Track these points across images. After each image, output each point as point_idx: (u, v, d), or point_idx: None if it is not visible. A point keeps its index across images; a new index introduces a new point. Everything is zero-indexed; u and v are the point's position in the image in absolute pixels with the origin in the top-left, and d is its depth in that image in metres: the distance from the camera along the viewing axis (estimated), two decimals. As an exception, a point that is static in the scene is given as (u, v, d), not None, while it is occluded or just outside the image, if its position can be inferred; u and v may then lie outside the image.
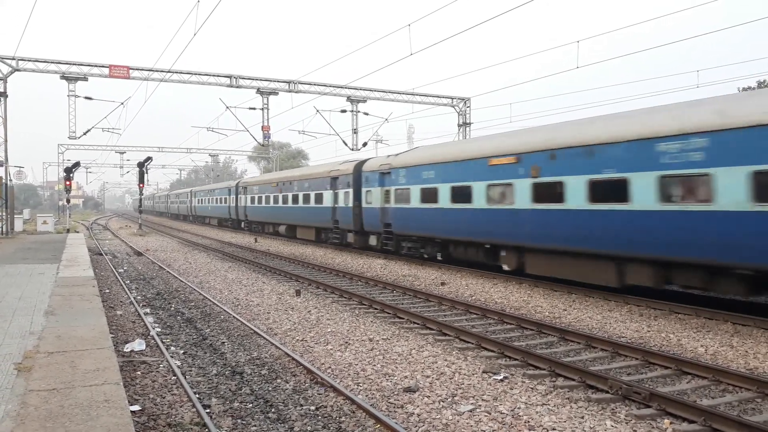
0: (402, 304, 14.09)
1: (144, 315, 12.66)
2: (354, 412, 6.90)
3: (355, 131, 36.80)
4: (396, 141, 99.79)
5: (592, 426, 6.37)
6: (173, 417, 6.76)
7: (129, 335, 10.81)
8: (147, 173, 46.60)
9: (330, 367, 8.68)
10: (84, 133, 33.52)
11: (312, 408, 7.10)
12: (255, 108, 34.24)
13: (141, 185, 47.34)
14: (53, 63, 29.22)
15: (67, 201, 45.61)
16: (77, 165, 45.05)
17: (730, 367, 8.48)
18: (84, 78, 30.03)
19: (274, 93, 33.60)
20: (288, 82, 33.37)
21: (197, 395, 7.49)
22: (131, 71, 29.94)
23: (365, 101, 36.32)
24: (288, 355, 9.22)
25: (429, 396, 7.35)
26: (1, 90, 27.92)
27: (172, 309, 13.88)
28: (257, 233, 41.53)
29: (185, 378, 8.19)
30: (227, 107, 35.37)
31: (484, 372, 8.36)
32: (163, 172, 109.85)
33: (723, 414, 6.49)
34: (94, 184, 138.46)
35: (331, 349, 9.67)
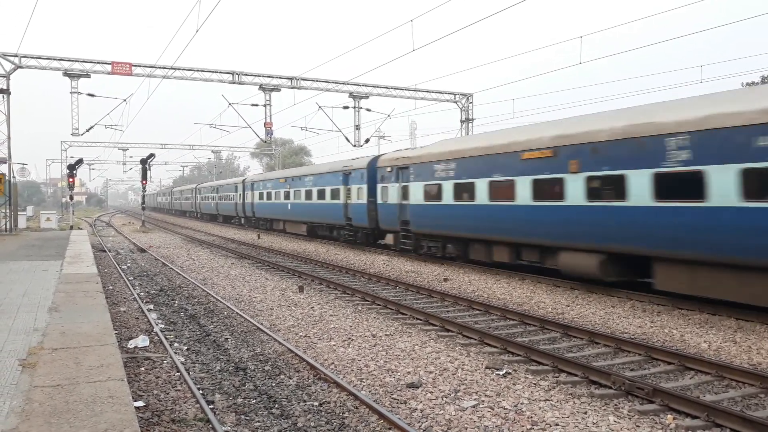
0: (405, 300, 14.10)
1: (147, 311, 12.69)
2: (357, 407, 6.92)
3: (358, 127, 36.79)
4: (398, 137, 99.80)
5: (595, 421, 6.38)
6: (177, 413, 6.78)
7: (133, 331, 10.84)
8: (150, 170, 46.61)
9: (333, 363, 8.70)
10: (87, 130, 33.61)
11: (315, 404, 7.12)
12: (257, 104, 34.26)
13: (144, 182, 47.39)
14: (56, 60, 29.24)
15: (71, 198, 45.65)
16: (80, 162, 45.10)
17: (733, 363, 8.47)
18: (87, 75, 30.05)
19: (276, 89, 33.60)
20: (290, 78, 33.36)
21: (201, 391, 7.52)
22: (134, 68, 29.95)
23: (368, 97, 36.30)
24: (291, 351, 9.23)
25: (432, 392, 7.36)
26: (4, 87, 27.95)
27: (175, 305, 13.91)
28: (265, 230, 41.29)
29: (189, 374, 8.22)
30: (230, 104, 35.39)
31: (487, 368, 8.37)
32: (166, 168, 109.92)
33: (726, 409, 6.48)
34: (97, 180, 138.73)
35: (334, 345, 9.68)
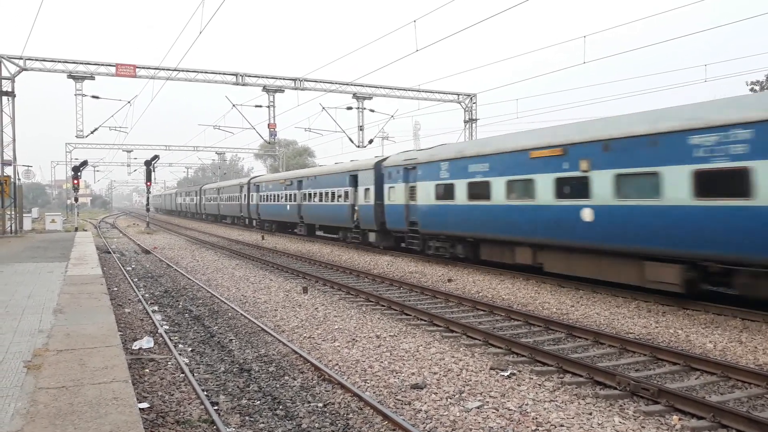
0: (409, 301, 14.09)
1: (152, 313, 12.71)
2: (362, 409, 6.91)
3: (361, 128, 36.79)
4: (402, 138, 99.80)
5: (600, 422, 6.35)
6: (182, 414, 6.78)
7: (137, 333, 10.85)
8: (154, 171, 46.72)
9: (337, 364, 8.69)
10: (91, 132, 33.68)
11: (320, 405, 7.11)
12: (261, 106, 34.30)
13: (148, 183, 47.47)
14: (60, 62, 29.33)
15: (75, 200, 45.83)
16: (85, 164, 45.25)
17: (739, 363, 8.43)
18: (91, 77, 30.14)
19: (280, 90, 33.64)
20: (294, 79, 33.39)
21: (205, 392, 7.52)
22: (138, 70, 30.02)
23: (371, 98, 36.30)
24: (295, 352, 9.23)
25: (436, 393, 7.34)
26: (9, 89, 28.05)
27: (179, 307, 13.93)
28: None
29: (193, 375, 8.22)
30: (233, 105, 35.43)
31: (491, 369, 8.35)
32: (170, 170, 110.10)
33: (732, 410, 6.46)
34: (101, 182, 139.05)
35: (339, 346, 9.68)
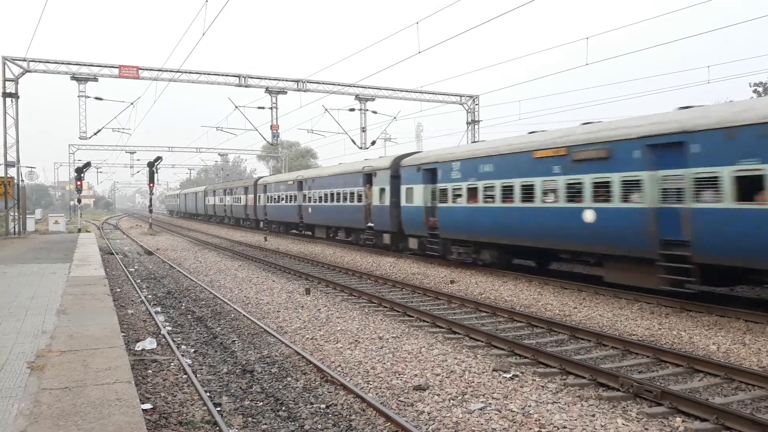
0: (411, 302, 14.09)
1: (155, 314, 12.73)
2: (364, 410, 6.91)
3: (364, 130, 36.82)
4: (404, 139, 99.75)
5: (603, 424, 6.34)
6: (184, 415, 6.79)
7: (140, 334, 10.87)
8: (157, 173, 46.81)
9: (340, 366, 8.69)
10: (94, 134, 33.75)
11: (322, 406, 7.11)
12: (264, 107, 34.34)
13: (151, 185, 47.57)
14: (63, 64, 29.42)
15: (78, 201, 45.88)
16: (88, 165, 45.32)
17: (742, 365, 8.41)
18: (94, 78, 30.22)
19: (282, 92, 33.68)
20: (296, 81, 33.42)
21: (208, 393, 7.53)
22: (141, 71, 30.09)
23: (373, 100, 36.33)
24: (298, 354, 9.24)
25: (439, 394, 7.34)
26: (12, 91, 28.13)
27: (182, 308, 13.95)
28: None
29: (196, 376, 8.23)
30: (236, 107, 35.48)
31: (494, 370, 8.34)
32: (173, 171, 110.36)
33: (736, 412, 6.44)
34: (104, 184, 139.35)
35: (341, 348, 9.68)
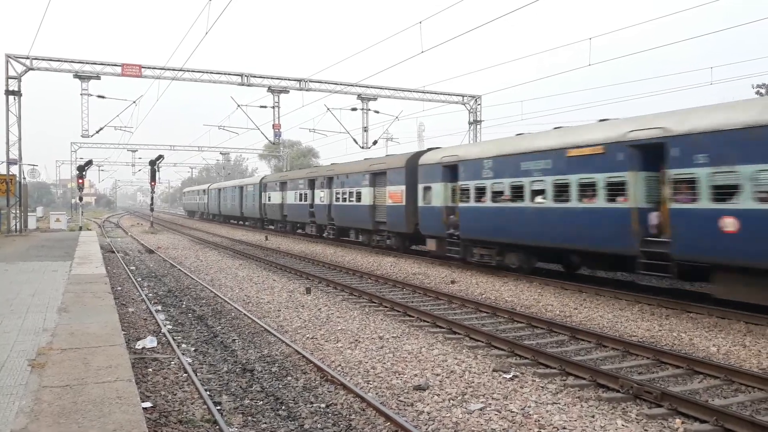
0: (412, 302, 14.09)
1: (155, 312, 12.74)
2: (364, 410, 6.92)
3: (366, 129, 36.84)
4: (406, 139, 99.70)
5: (602, 425, 6.35)
6: (184, 414, 6.80)
7: (141, 332, 10.88)
8: (159, 171, 46.82)
9: (340, 365, 8.70)
10: (96, 132, 33.85)
11: (322, 405, 7.12)
12: (266, 106, 34.42)
13: (153, 183, 47.59)
14: (66, 62, 29.46)
15: (80, 199, 45.91)
16: (90, 163, 45.36)
17: (742, 367, 8.41)
18: (97, 77, 30.28)
19: (284, 91, 33.72)
20: (299, 80, 33.45)
21: (208, 392, 7.54)
22: (143, 70, 30.13)
23: (376, 99, 36.35)
24: (298, 353, 9.25)
25: (439, 394, 7.35)
26: (15, 89, 28.18)
27: (183, 306, 13.97)
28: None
29: (196, 375, 8.24)
30: (238, 105, 35.55)
31: (494, 370, 8.35)
32: (175, 170, 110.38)
33: (735, 414, 6.45)
34: (106, 182, 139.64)
35: (341, 347, 9.69)
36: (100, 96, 32.19)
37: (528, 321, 11.69)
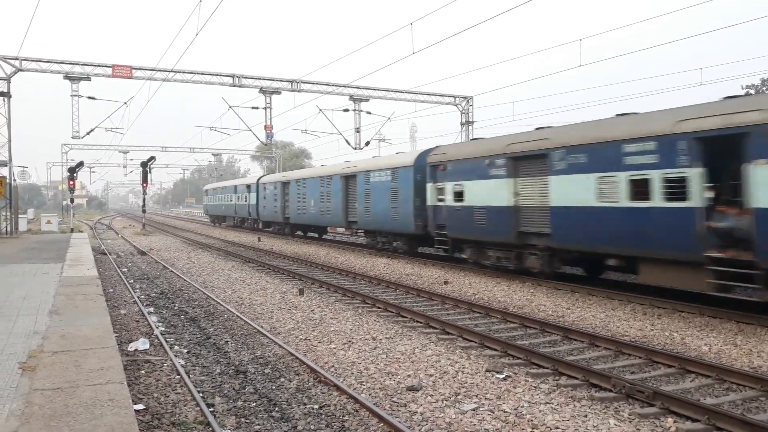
0: (405, 303, 14.09)
1: (148, 314, 12.69)
2: (357, 410, 6.91)
3: (358, 130, 36.82)
4: (399, 140, 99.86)
5: (595, 425, 6.37)
6: (177, 416, 6.77)
7: (133, 334, 10.83)
8: (150, 173, 46.65)
9: (333, 366, 8.69)
10: (87, 133, 33.62)
11: (315, 407, 7.11)
12: (258, 107, 34.31)
13: (144, 185, 47.41)
14: (56, 63, 29.29)
15: (71, 201, 45.68)
16: (81, 165, 45.15)
17: (733, 366, 8.45)
18: (87, 78, 30.11)
19: (276, 92, 33.65)
20: (291, 81, 33.40)
21: (201, 394, 7.51)
22: (134, 71, 30.00)
23: (368, 100, 36.34)
24: (291, 354, 9.23)
25: (432, 395, 7.35)
26: (5, 90, 27.99)
27: (175, 308, 13.91)
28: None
29: (189, 377, 8.21)
30: (230, 107, 35.46)
31: (487, 371, 8.36)
32: (167, 171, 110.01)
33: (727, 413, 6.48)
34: (97, 183, 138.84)
35: (335, 348, 9.68)
36: (90, 97, 31.99)
37: (521, 321, 11.71)
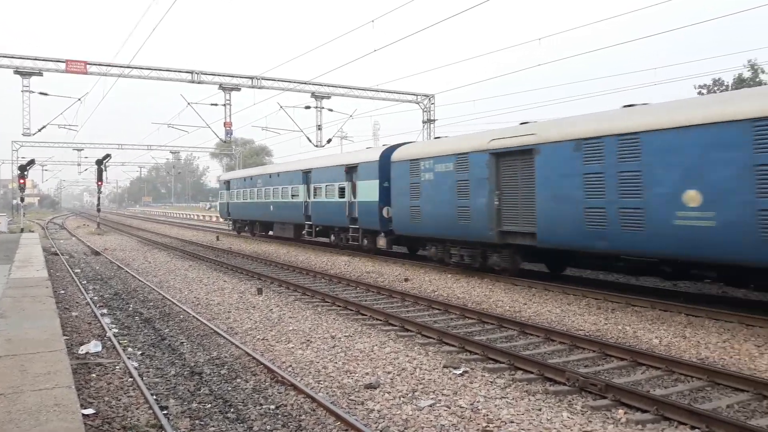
0: (365, 300, 14.09)
1: (101, 316, 12.37)
2: (314, 410, 6.87)
3: (320, 127, 36.69)
4: (361, 138, 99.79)
5: (549, 418, 6.47)
6: (129, 419, 6.62)
7: (84, 337, 10.55)
8: (106, 170, 45.52)
9: (291, 366, 8.62)
10: (39, 130, 32.70)
11: (272, 407, 7.04)
12: (217, 104, 33.87)
13: (99, 183, 46.21)
14: (6, 57, 28.31)
15: (21, 200, 44.22)
16: (32, 163, 43.77)
17: (682, 357, 8.71)
18: (39, 73, 29.20)
19: (236, 89, 33.26)
20: (251, 77, 33.04)
21: (154, 396, 7.36)
22: (89, 66, 29.24)
23: (329, 97, 36.24)
24: (248, 354, 9.12)
25: (390, 392, 7.36)
26: (-51, 85, 26.93)
27: (130, 309, 13.60)
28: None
29: (142, 379, 8.03)
30: (188, 103, 34.91)
31: (444, 367, 8.41)
32: (123, 169, 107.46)
33: (674, 403, 6.67)
34: (50, 182, 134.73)
35: (293, 348, 9.60)
36: (42, 93, 31.06)
37: (479, 317, 11.83)
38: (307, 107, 36.37)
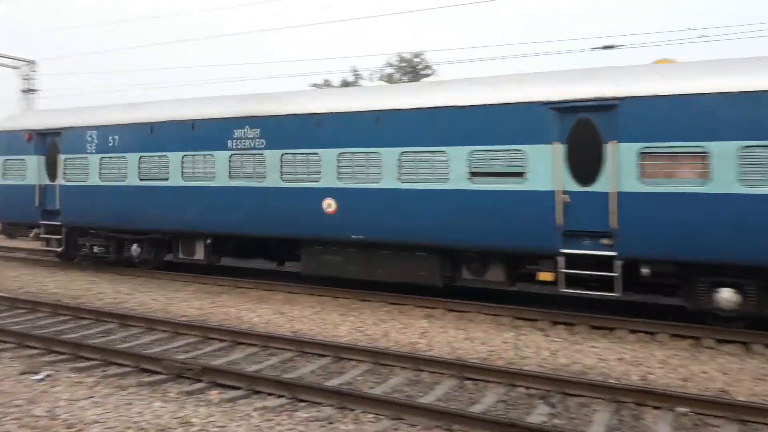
0: None
1: None
2: None
3: None
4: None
5: (139, 411, 6.11)
6: None
7: None
8: None
9: None
10: None
11: None
12: None
13: None
14: None
15: None
16: None
17: (278, 332, 9.31)
18: None
19: None
20: None
21: None
22: None
23: None
24: None
25: (-63, 416, 5.96)
26: None
27: None
28: None
29: None
30: None
31: (22, 373, 7.27)
32: None
33: (265, 376, 7.07)
34: None
35: None
36: None
37: (74, 313, 10.65)
38: None
